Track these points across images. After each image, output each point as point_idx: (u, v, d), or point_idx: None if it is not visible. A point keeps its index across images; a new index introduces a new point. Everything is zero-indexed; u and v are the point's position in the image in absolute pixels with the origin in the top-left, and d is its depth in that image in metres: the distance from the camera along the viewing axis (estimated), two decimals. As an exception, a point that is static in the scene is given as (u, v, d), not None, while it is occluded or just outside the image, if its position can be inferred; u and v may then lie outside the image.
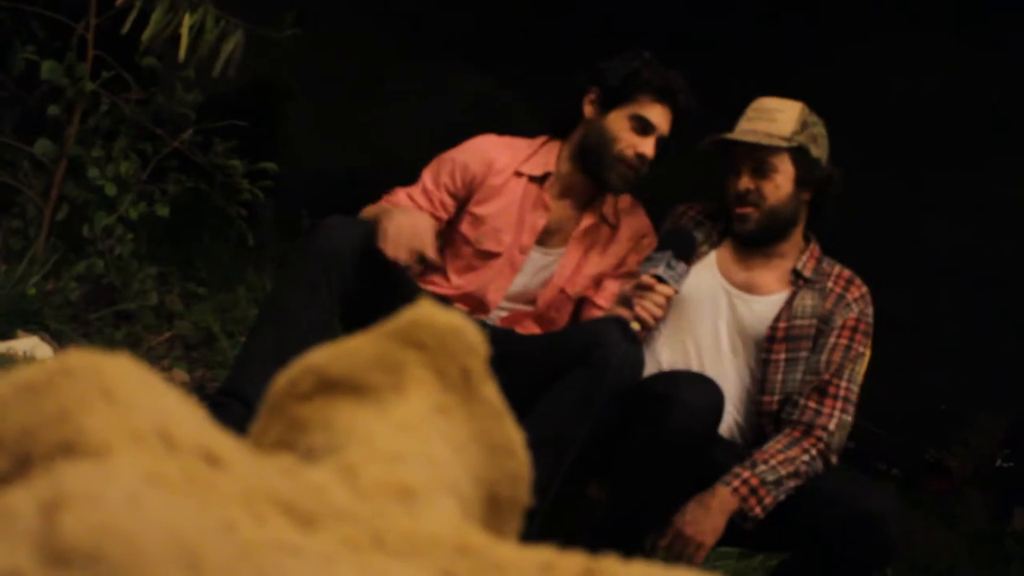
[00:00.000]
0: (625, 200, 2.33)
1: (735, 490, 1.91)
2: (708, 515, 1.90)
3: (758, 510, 1.90)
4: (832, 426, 2.00)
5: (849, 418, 2.04)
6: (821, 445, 1.98)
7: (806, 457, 1.95)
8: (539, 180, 2.26)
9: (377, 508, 0.41)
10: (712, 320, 2.15)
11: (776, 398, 2.07)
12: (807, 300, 2.11)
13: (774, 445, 1.98)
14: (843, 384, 2.03)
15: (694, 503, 1.92)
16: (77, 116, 3.12)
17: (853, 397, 2.06)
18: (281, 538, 0.35)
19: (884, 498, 1.90)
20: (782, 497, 1.92)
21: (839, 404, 2.02)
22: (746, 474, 1.93)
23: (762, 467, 1.93)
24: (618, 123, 2.18)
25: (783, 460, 1.94)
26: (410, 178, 2.32)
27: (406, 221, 1.95)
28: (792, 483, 1.93)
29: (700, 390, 1.87)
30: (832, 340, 2.07)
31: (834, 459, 2.01)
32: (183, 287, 3.73)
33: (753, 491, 1.91)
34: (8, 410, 0.40)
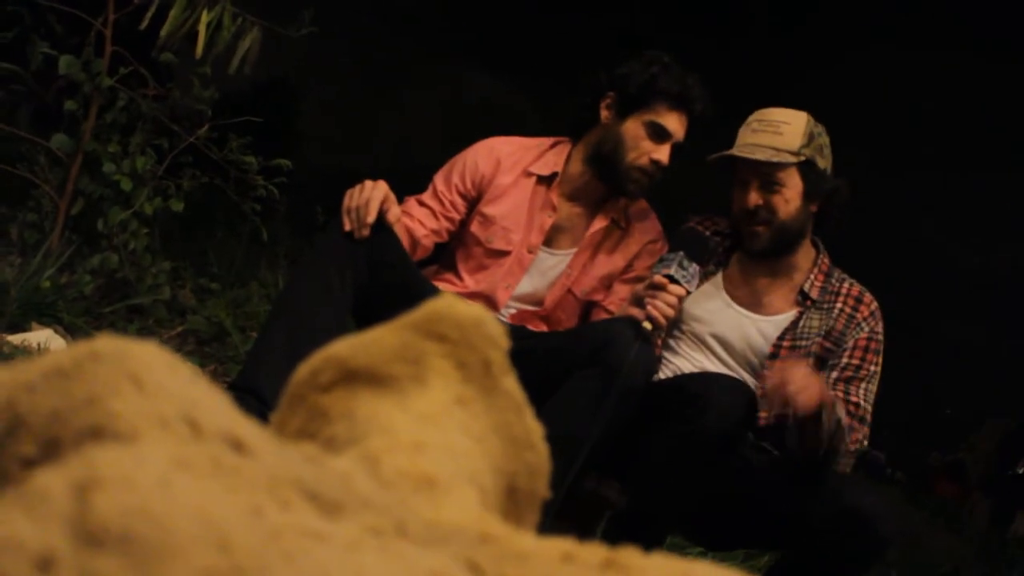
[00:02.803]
0: (637, 204, 2.32)
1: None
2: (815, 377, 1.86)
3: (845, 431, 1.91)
4: (858, 437, 2.01)
5: (864, 440, 2.04)
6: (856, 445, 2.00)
7: (855, 445, 1.97)
8: (547, 180, 2.26)
9: (400, 497, 0.41)
10: (717, 340, 2.14)
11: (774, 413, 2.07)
12: (813, 321, 2.11)
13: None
14: (861, 404, 2.03)
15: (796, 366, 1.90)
16: (94, 111, 3.14)
17: (868, 417, 2.05)
18: (307, 524, 0.35)
19: (878, 495, 1.89)
20: (835, 442, 1.90)
21: (855, 424, 2.01)
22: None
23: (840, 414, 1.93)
24: (634, 130, 2.17)
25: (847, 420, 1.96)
26: (422, 177, 2.32)
27: (356, 192, 1.96)
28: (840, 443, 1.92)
29: (733, 390, 1.86)
30: (844, 360, 2.07)
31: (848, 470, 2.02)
32: (196, 282, 3.74)
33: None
34: (37, 394, 0.40)
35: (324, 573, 0.32)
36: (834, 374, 2.06)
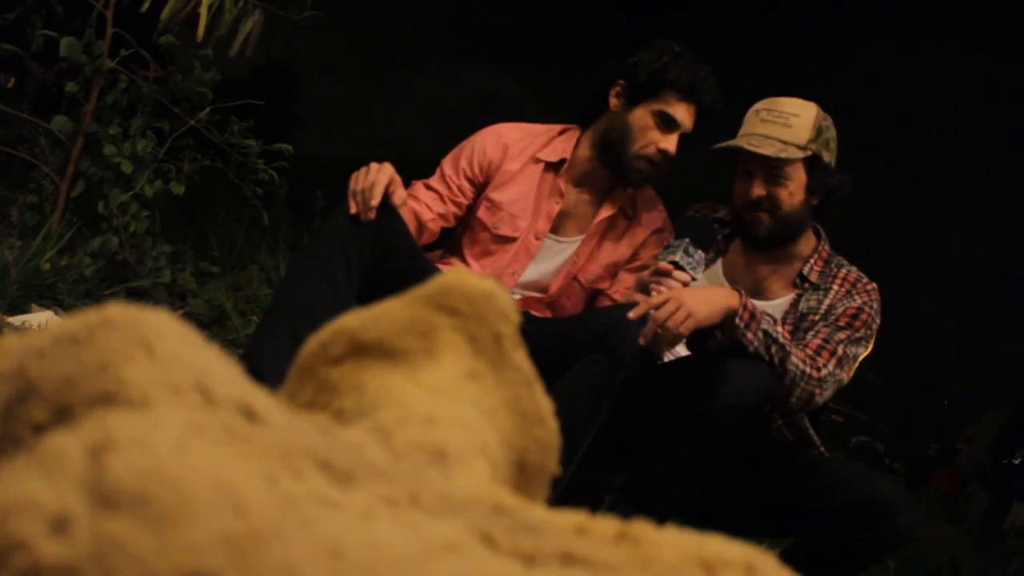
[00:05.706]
0: (645, 193, 2.32)
1: (741, 295, 1.89)
2: (709, 295, 1.86)
3: (743, 330, 1.87)
4: (826, 371, 1.95)
5: (843, 376, 1.99)
6: (815, 372, 1.94)
7: (799, 362, 1.91)
8: (555, 167, 2.26)
9: (412, 467, 0.41)
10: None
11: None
12: (812, 302, 2.11)
13: (786, 333, 1.95)
14: (840, 348, 1.99)
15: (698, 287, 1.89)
16: (95, 93, 3.13)
17: (847, 366, 2.00)
18: (321, 491, 0.35)
19: (893, 485, 1.89)
20: (757, 350, 1.88)
21: (833, 361, 1.97)
22: (757, 306, 1.92)
23: (769, 319, 1.91)
24: (643, 119, 2.17)
25: (786, 338, 1.91)
26: (424, 163, 2.32)
27: (361, 175, 1.95)
28: (774, 353, 1.88)
29: (751, 368, 1.86)
30: (830, 320, 2.06)
31: (818, 399, 1.96)
32: (196, 266, 3.73)
33: (752, 316, 1.88)
34: (48, 361, 0.40)
35: (339, 540, 0.32)
36: (818, 326, 2.04)
